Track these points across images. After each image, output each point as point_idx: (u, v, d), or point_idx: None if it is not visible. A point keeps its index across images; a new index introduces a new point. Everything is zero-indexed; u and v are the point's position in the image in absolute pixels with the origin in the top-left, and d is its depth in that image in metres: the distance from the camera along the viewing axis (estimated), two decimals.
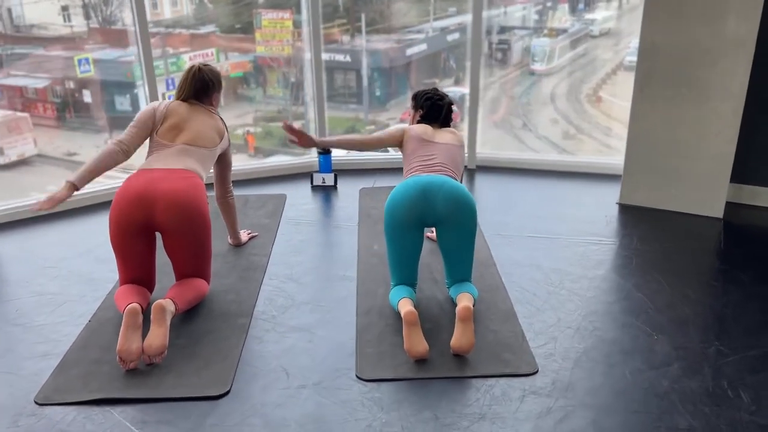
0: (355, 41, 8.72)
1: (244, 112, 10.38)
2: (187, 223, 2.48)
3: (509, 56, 7.37)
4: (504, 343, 2.37)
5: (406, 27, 8.25)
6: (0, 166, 8.58)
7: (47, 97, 9.75)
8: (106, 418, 2.03)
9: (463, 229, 2.48)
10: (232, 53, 10.47)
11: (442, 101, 2.91)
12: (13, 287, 2.85)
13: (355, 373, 2.22)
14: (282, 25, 8.89)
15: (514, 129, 6.95)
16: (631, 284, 2.78)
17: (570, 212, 3.54)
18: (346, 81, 9.20)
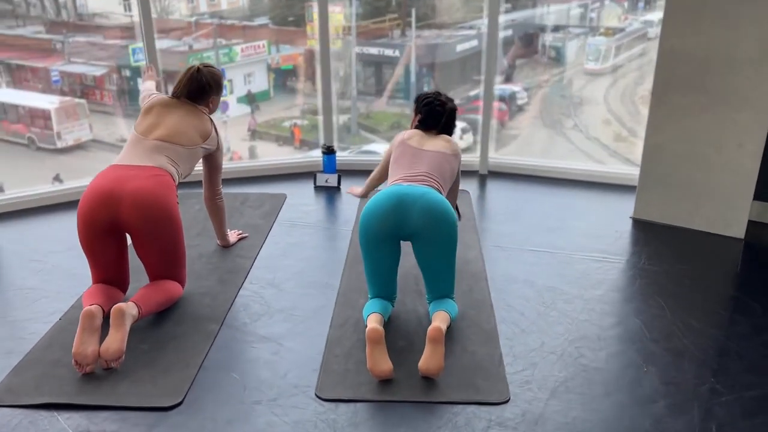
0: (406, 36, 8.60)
1: (292, 104, 10.40)
2: (154, 223, 2.40)
3: (563, 55, 7.17)
4: (479, 366, 2.22)
5: (458, 23, 8.12)
6: (57, 150, 8.82)
7: (104, 84, 9.97)
8: (51, 424, 1.97)
9: (439, 245, 2.33)
10: (284, 45, 10.49)
11: (443, 107, 2.76)
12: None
13: (315, 392, 2.10)
14: (333, 18, 8.82)
15: (564, 129, 6.74)
16: (630, 308, 2.59)
17: (579, 225, 3.34)
18: (396, 76, 9.13)
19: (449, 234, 2.33)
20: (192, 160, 2.70)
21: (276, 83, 10.54)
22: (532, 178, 4.04)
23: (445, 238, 2.32)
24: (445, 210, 2.33)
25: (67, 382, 2.14)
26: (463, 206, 3.54)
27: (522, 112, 7.97)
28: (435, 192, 2.40)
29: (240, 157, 9.87)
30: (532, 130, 7.90)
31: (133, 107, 9.95)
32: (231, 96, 10.03)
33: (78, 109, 9.41)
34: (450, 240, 2.34)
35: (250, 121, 10.16)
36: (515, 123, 7.97)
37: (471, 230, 3.26)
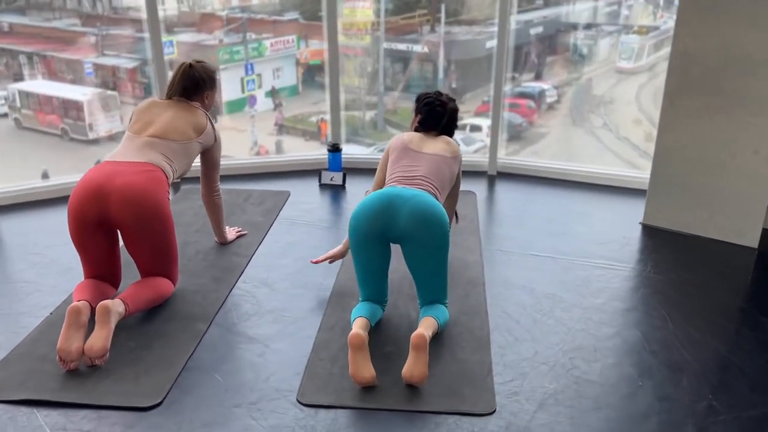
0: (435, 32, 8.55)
1: (319, 99, 10.40)
2: (143, 219, 2.38)
3: (594, 52, 7.06)
4: (466, 375, 2.16)
5: (489, 19, 8.03)
6: (89, 141, 8.96)
7: (136, 77, 10.10)
8: (30, 420, 1.96)
9: (429, 248, 2.27)
10: (313, 40, 10.50)
11: (443, 107, 2.69)
12: None
13: (296, 396, 2.06)
14: (362, 14, 8.81)
15: (594, 128, 6.63)
16: (630, 318, 2.50)
17: (585, 230, 3.25)
18: (423, 72, 9.09)
19: (439, 238, 2.27)
20: (188, 156, 2.68)
21: (305, 78, 10.55)
22: (541, 180, 3.95)
23: (434, 241, 2.26)
24: (435, 213, 2.27)
25: (51, 378, 2.13)
26: (467, 208, 3.47)
27: (551, 111, 7.86)
28: (427, 195, 2.33)
29: (267, 151, 9.90)
30: (561, 129, 7.77)
31: None
32: (259, 90, 10.07)
33: (110, 101, 9.54)
34: (440, 244, 2.28)
35: (277, 116, 10.19)
36: (544, 121, 7.86)
37: (473, 233, 3.19)
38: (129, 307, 2.31)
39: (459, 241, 3.10)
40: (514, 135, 8.26)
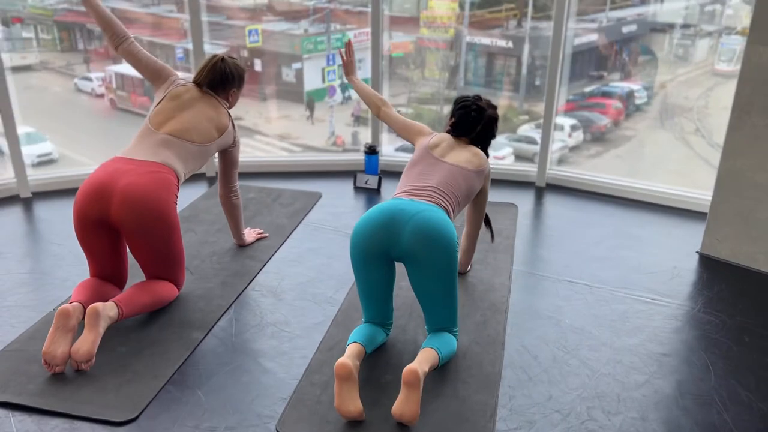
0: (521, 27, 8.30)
1: (399, 92, 10.32)
2: (144, 222, 2.27)
3: (691, 54, 6.64)
4: (465, 417, 1.94)
5: (580, 15, 7.73)
6: None
7: None
8: (1, 425, 1.89)
9: (433, 270, 2.05)
10: (396, 33, 10.42)
11: (479, 113, 2.46)
12: (12, 261, 2.84)
13: (276, 424, 1.91)
14: (448, 7, 8.64)
15: (685, 133, 6.23)
16: (666, 365, 2.20)
17: (633, 256, 2.94)
18: (506, 67, 8.86)
19: (445, 259, 2.05)
20: (203, 158, 2.57)
21: (386, 70, 10.46)
22: (594, 196, 3.64)
23: (439, 262, 2.05)
24: (441, 230, 2.06)
25: (34, 380, 2.07)
26: (505, 222, 3.22)
27: (640, 112, 7.48)
28: (436, 210, 2.12)
29: (343, 141, 9.88)
30: (649, 133, 7.33)
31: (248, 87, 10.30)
32: (339, 81, 10.05)
33: None
34: (446, 266, 2.06)
35: (355, 107, 10.14)
36: (631, 123, 7.49)
37: (505, 251, 2.95)
38: (123, 311, 2.22)
39: (489, 259, 2.86)
40: (597, 136, 7.85)
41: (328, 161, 3.97)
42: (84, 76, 9.99)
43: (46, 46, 10.65)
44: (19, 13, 10.60)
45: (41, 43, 10.59)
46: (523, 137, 8.39)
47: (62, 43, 10.67)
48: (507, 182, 3.81)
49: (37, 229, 3.16)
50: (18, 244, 2.99)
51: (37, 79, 10.54)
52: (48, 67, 10.50)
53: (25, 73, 10.41)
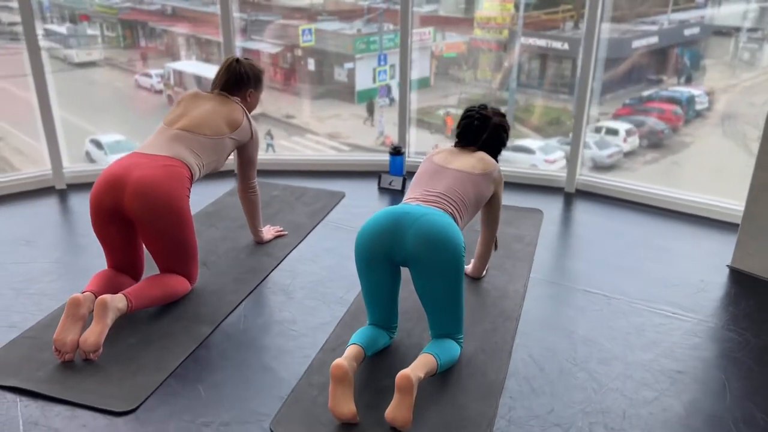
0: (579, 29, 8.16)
1: (449, 93, 10.28)
2: (155, 214, 2.32)
3: (758, 57, 6.43)
4: (460, 426, 1.90)
5: (640, 17, 7.54)
6: None
7: (278, 62, 10.54)
8: (8, 410, 1.96)
9: (437, 274, 2.02)
10: (450, 33, 10.39)
11: (485, 122, 2.43)
12: (41, 250, 2.93)
13: (270, 423, 1.91)
14: (503, 8, 8.58)
15: (748, 141, 6.04)
16: (680, 382, 2.10)
17: (658, 267, 2.83)
18: (560, 70, 8.74)
19: (449, 263, 2.01)
20: (218, 152, 2.60)
21: (438, 70, 10.43)
22: (626, 203, 3.52)
23: (443, 267, 2.01)
24: (446, 234, 2.02)
25: (43, 367, 2.13)
26: (528, 229, 3.15)
27: (700, 118, 7.28)
28: (440, 213, 2.09)
29: (391, 142, 9.92)
30: (709, 140, 7.11)
31: (300, 86, 10.43)
32: (393, 81, 10.07)
33: None
34: (450, 270, 2.02)
35: None
36: (690, 129, 7.29)
37: (525, 258, 2.88)
38: (132, 304, 2.26)
39: (506, 266, 2.80)
40: (654, 142, 7.63)
41: (353, 161, 3.97)
42: (144, 72, 10.32)
43: (110, 43, 11.04)
44: (86, 11, 11.03)
45: (105, 40, 10.99)
46: None
47: (125, 40, 11.06)
48: (535, 187, 3.73)
49: (68, 220, 3.26)
50: (47, 234, 3.09)
51: (101, 74, 10.95)
52: (111, 63, 10.89)
53: (90, 69, 10.83)
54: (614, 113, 8.55)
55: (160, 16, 10.67)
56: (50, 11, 11.26)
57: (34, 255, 2.88)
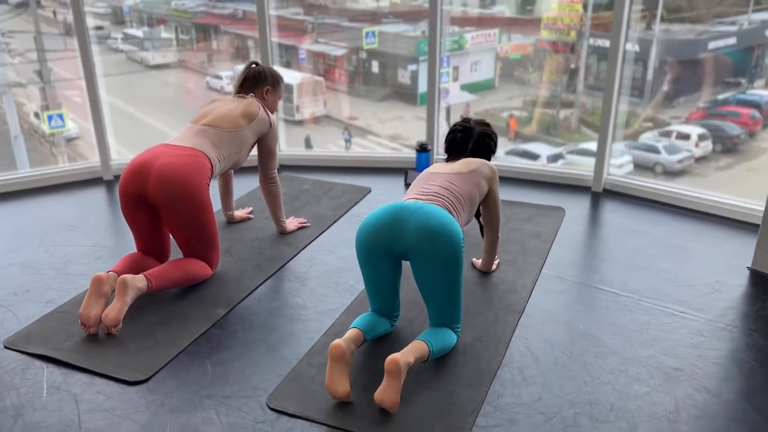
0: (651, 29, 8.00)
1: (514, 95, 10.25)
2: (176, 200, 2.48)
3: None
4: (447, 410, 1.96)
5: (718, 17, 7.32)
6: (294, 121, 9.83)
7: (343, 64, 10.81)
8: (36, 375, 2.15)
9: (436, 264, 2.09)
10: (515, 35, 10.35)
11: (467, 133, 2.57)
12: (82, 234, 3.16)
13: (266, 398, 2.03)
14: (571, 8, 8.54)
15: None
16: (674, 379, 2.10)
17: (672, 267, 2.81)
18: (631, 72, 8.63)
19: (448, 253, 2.08)
20: (239, 145, 2.75)
21: (502, 72, 10.41)
22: (653, 204, 3.48)
23: (442, 256, 2.08)
24: (443, 225, 2.09)
25: (71, 338, 2.32)
26: (547, 226, 3.18)
27: None
28: (437, 207, 2.16)
29: None
30: None
31: (364, 88, 10.65)
32: (454, 83, 10.13)
33: (316, 86, 10.29)
34: (449, 260, 2.09)
35: (465, 109, 10.18)
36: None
37: (539, 254, 2.91)
38: (152, 284, 2.43)
39: (518, 261, 2.84)
40: (729, 147, 7.40)
41: (382, 158, 4.07)
42: (215, 74, 10.75)
43: (184, 46, 11.55)
44: (163, 15, 11.58)
45: (180, 43, 11.51)
46: (644, 145, 8.02)
47: (198, 43, 11.55)
48: (562, 186, 3.73)
49: (110, 209, 3.49)
50: (90, 221, 3.32)
51: (174, 76, 11.47)
52: (184, 66, 11.40)
53: (164, 71, 11.37)
54: (687, 117, 8.31)
55: (232, 20, 11.07)
56: (129, 16, 11.88)
57: (76, 239, 3.11)
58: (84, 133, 8.43)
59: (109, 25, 11.57)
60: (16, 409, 1.98)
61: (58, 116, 8.99)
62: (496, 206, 2.53)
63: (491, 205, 2.52)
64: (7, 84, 9.23)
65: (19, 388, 2.08)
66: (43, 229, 3.21)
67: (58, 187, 3.77)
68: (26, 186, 3.74)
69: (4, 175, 3.72)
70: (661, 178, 3.60)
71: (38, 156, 9.57)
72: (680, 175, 7.79)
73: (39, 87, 9.80)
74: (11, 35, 9.67)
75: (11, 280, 2.74)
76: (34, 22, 9.67)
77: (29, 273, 2.80)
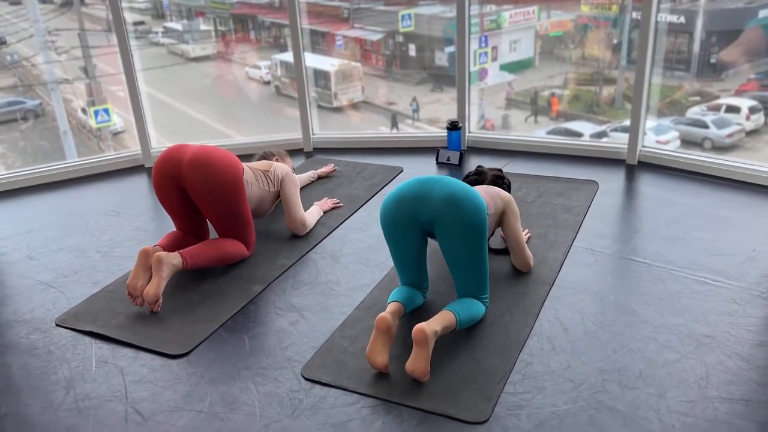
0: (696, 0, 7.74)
1: (555, 73, 10.10)
2: (208, 182, 2.56)
3: None
4: (475, 378, 2.01)
5: None
6: (332, 108, 9.95)
7: (380, 49, 10.86)
8: (85, 350, 2.27)
9: (460, 232, 2.13)
10: (555, 11, 10.18)
11: (481, 176, 2.71)
12: (126, 219, 3.29)
13: (301, 369, 2.11)
14: None
15: None
16: (705, 346, 2.09)
17: (709, 237, 2.77)
18: (676, 45, 8.41)
19: (472, 219, 2.12)
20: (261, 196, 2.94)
21: (542, 50, 10.26)
22: (690, 175, 3.43)
23: (466, 222, 2.12)
24: (466, 192, 2.15)
25: (117, 316, 2.44)
26: (580, 199, 3.17)
27: None
28: (459, 180, 2.20)
29: (492, 125, 9.89)
30: None
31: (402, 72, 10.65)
32: (492, 63, 10.03)
33: (354, 71, 10.36)
34: (474, 229, 2.13)
35: (508, 90, 10.08)
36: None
37: (571, 227, 2.90)
38: (187, 261, 2.53)
39: (549, 235, 2.85)
40: None
41: (413, 137, 4.09)
42: (254, 64, 10.93)
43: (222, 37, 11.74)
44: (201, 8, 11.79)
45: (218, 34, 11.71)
46: (692, 120, 7.80)
47: (236, 34, 11.72)
48: (596, 159, 3.70)
49: (151, 195, 3.61)
50: (133, 206, 3.45)
51: (214, 67, 11.69)
52: (223, 57, 11.59)
53: (204, 62, 11.60)
54: (737, 89, 8.04)
55: (268, 9, 11.19)
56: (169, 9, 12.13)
57: (120, 224, 3.25)
58: (129, 127, 8.70)
59: (149, 19, 11.83)
60: (68, 381, 2.11)
61: (104, 111, 9.30)
62: (514, 236, 2.49)
63: (510, 233, 2.50)
64: (54, 81, 9.56)
65: (70, 362, 2.21)
66: (89, 215, 3.36)
67: (102, 175, 3.92)
68: (73, 175, 3.90)
69: (52, 165, 3.89)
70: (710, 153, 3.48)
71: (86, 150, 9.91)
72: (730, 150, 7.57)
73: (85, 83, 10.14)
74: (57, 33, 9.99)
75: (61, 263, 2.89)
76: (78, 20, 9.97)
77: (77, 256, 2.94)
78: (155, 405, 1.99)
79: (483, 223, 2.15)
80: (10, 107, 9.92)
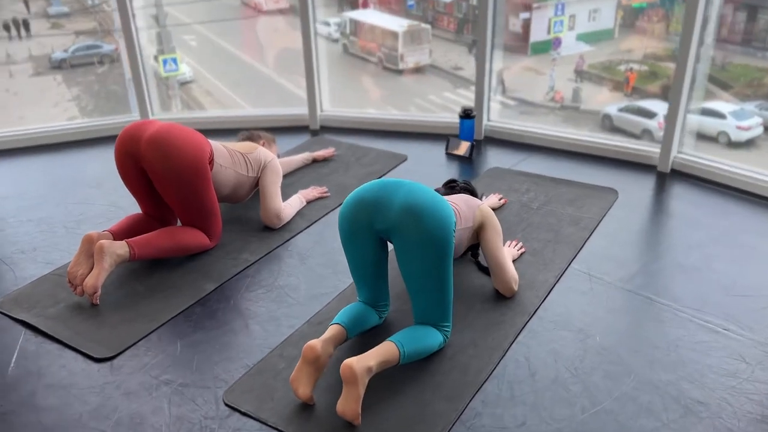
0: None
1: (635, 47, 9.52)
2: (167, 164, 2.35)
3: None
4: (415, 426, 1.74)
5: None
6: (397, 70, 9.69)
7: (453, 11, 10.50)
8: (13, 340, 2.11)
9: (420, 246, 1.85)
10: None
11: (452, 189, 2.45)
12: (102, 193, 3.12)
13: (224, 391, 1.89)
14: None
15: None
16: (694, 415, 1.76)
17: (731, 270, 2.39)
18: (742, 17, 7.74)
19: (434, 236, 1.83)
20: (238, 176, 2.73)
21: (624, 22, 9.70)
22: (728, 190, 3.00)
23: (428, 237, 1.83)
24: (432, 202, 1.87)
25: (56, 305, 2.27)
26: (592, 211, 2.81)
27: None
28: (426, 187, 1.92)
29: (562, 98, 9.41)
30: None
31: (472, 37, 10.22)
32: (568, 33, 9.50)
33: (422, 33, 10.02)
34: (436, 242, 1.84)
35: (578, 62, 9.56)
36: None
37: (572, 245, 2.56)
38: (134, 251, 2.33)
39: (546, 252, 2.52)
40: None
41: (423, 122, 3.75)
42: (324, 20, 10.67)
43: None
44: None
45: None
46: None
47: None
48: (622, 162, 3.30)
49: None
50: (115, 178, 3.27)
51: (284, 23, 11.52)
52: (295, 12, 11.40)
53: (276, 17, 11.44)
54: None
55: None
56: None
57: (95, 197, 3.08)
58: (198, 77, 8.66)
59: None
60: None
61: (172, 60, 9.28)
62: (492, 256, 2.19)
63: (488, 253, 2.20)
64: (117, 28, 9.58)
65: None
66: (70, 184, 3.21)
67: (105, 139, 3.76)
68: (78, 137, 3.76)
69: (40, 126, 3.76)
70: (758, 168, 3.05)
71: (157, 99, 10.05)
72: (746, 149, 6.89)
73: (155, 31, 10.13)
74: None
75: (24, 237, 2.75)
76: None
77: (42, 230, 2.80)
78: (58, 417, 1.81)
79: (446, 239, 1.85)
80: (88, 50, 10.03)
